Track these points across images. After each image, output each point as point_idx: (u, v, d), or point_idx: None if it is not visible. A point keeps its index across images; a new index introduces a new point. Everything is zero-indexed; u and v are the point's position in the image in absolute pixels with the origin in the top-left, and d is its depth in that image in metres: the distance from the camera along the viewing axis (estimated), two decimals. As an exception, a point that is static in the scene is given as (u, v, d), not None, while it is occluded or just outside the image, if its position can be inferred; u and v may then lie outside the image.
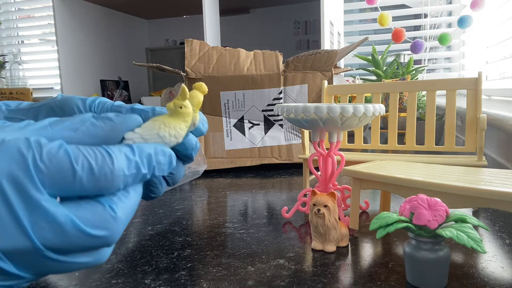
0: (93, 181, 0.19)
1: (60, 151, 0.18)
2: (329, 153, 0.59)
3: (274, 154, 1.01)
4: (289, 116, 0.55)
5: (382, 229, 0.38)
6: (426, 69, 1.79)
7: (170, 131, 0.23)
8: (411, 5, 2.14)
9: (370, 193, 0.73)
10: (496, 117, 0.88)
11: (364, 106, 0.52)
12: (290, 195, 0.75)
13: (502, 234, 0.51)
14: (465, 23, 1.54)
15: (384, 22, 1.68)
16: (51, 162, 0.18)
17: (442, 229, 0.36)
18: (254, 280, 0.40)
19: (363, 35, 2.29)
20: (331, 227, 0.46)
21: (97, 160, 0.19)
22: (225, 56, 1.00)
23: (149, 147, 0.22)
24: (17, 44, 2.89)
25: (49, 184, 0.18)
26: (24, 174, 0.17)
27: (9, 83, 2.68)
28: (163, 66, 1.02)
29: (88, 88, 2.19)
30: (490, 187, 0.41)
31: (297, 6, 2.51)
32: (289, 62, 0.98)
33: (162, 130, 0.23)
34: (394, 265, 0.43)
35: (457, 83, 0.72)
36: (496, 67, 1.47)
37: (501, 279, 0.39)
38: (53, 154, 0.18)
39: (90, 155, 0.19)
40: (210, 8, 1.66)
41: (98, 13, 2.25)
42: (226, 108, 1.01)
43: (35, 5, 2.72)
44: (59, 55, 1.98)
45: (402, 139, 1.05)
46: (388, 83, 0.80)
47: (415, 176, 0.48)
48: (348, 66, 2.02)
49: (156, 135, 0.23)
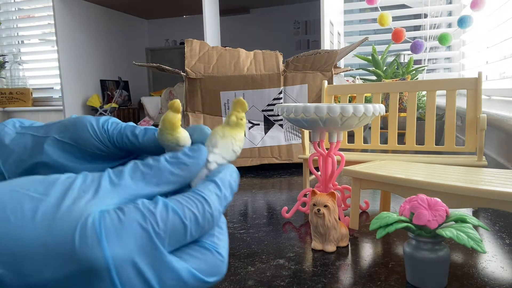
0: (199, 230, 0.21)
1: (169, 212, 0.20)
2: (329, 153, 0.59)
3: (274, 154, 1.01)
4: (289, 116, 0.55)
5: (382, 229, 0.38)
6: (426, 69, 1.79)
7: (240, 144, 0.25)
8: (411, 5, 2.14)
9: (370, 193, 0.73)
10: (496, 117, 0.88)
11: (364, 106, 0.52)
12: (290, 195, 0.75)
13: (502, 234, 0.51)
14: (465, 23, 1.54)
15: (384, 22, 1.68)
16: (167, 226, 0.19)
17: (442, 229, 0.36)
18: (254, 280, 0.40)
19: (363, 35, 2.29)
20: (331, 227, 0.46)
21: (198, 209, 0.21)
22: (225, 56, 1.00)
23: (226, 174, 0.23)
24: (17, 44, 2.89)
25: (168, 244, 0.20)
26: (150, 245, 0.19)
27: (9, 83, 2.69)
28: (163, 66, 1.02)
29: (88, 88, 2.19)
30: (490, 187, 0.41)
31: (297, 6, 2.51)
32: (289, 62, 0.98)
33: (235, 146, 0.24)
34: (394, 265, 0.43)
35: (457, 83, 0.72)
36: (496, 67, 1.47)
37: (501, 279, 0.39)
38: (166, 218, 0.20)
39: (192, 206, 0.21)
40: (210, 8, 1.66)
41: (98, 13, 2.25)
42: (226, 108, 1.00)
43: (35, 5, 2.72)
44: (59, 55, 1.98)
45: (402, 139, 1.05)
46: (388, 83, 0.80)
47: (415, 176, 0.48)
48: (348, 66, 2.02)
49: (232, 151, 0.24)
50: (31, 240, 0.18)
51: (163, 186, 0.22)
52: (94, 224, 0.18)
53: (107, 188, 0.20)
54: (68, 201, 0.19)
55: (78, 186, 0.20)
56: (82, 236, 0.18)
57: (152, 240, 0.19)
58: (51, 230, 0.18)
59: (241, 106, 0.25)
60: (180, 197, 0.21)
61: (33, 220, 0.18)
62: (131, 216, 0.19)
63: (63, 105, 2.04)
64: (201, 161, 0.23)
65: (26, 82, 2.73)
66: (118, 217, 0.19)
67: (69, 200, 0.19)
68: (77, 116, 0.29)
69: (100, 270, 0.18)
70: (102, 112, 2.15)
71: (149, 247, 0.19)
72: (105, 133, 0.28)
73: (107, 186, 0.20)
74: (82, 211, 0.19)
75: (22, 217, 0.18)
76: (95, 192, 0.20)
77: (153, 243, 0.19)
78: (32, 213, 0.18)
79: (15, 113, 2.72)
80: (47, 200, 0.19)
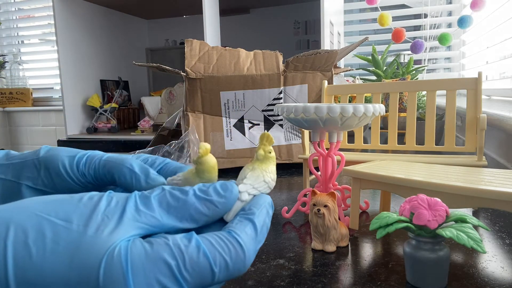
0: (226, 276, 0.19)
1: (200, 255, 0.19)
2: (329, 153, 0.59)
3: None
4: (289, 116, 0.55)
5: (382, 229, 0.38)
6: (426, 69, 1.79)
7: (272, 176, 0.24)
8: (411, 5, 2.14)
9: (370, 193, 0.73)
10: (496, 117, 0.88)
11: (364, 106, 0.52)
12: (290, 195, 0.75)
13: (502, 234, 0.51)
14: (465, 23, 1.54)
15: (384, 22, 1.68)
16: (194, 269, 0.18)
17: (442, 229, 0.36)
18: (254, 280, 0.40)
19: (363, 35, 2.29)
20: (331, 227, 0.46)
21: (231, 256, 0.19)
22: (225, 56, 1.00)
23: (263, 212, 0.22)
24: (17, 44, 2.89)
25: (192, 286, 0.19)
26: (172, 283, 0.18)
27: (9, 83, 2.69)
28: (163, 66, 1.02)
29: (88, 88, 2.19)
30: (490, 187, 0.41)
31: (297, 6, 2.50)
32: (289, 62, 0.98)
33: (266, 177, 0.24)
34: (394, 265, 0.43)
35: (457, 83, 0.72)
36: (496, 67, 1.47)
37: (501, 279, 0.39)
38: (195, 261, 0.18)
39: (225, 251, 0.19)
40: (210, 8, 1.66)
41: (98, 13, 2.25)
42: (226, 108, 1.01)
43: (35, 5, 2.72)
44: (59, 55, 1.98)
45: (402, 139, 1.05)
46: (388, 83, 0.80)
47: (415, 176, 0.48)
48: (348, 66, 2.02)
49: (263, 182, 0.24)
50: (52, 274, 0.17)
51: (185, 223, 0.20)
52: (120, 257, 0.17)
53: (132, 215, 0.19)
54: (92, 230, 0.18)
55: (102, 211, 0.19)
56: (107, 270, 0.17)
57: (178, 283, 0.18)
58: (74, 264, 0.17)
59: (267, 140, 0.25)
60: (214, 238, 0.19)
61: (55, 252, 0.17)
62: (160, 253, 0.18)
63: (63, 105, 2.04)
64: (231, 201, 0.22)
65: (26, 82, 2.73)
66: (145, 252, 0.18)
67: (93, 228, 0.18)
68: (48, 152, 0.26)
69: None
70: (102, 112, 2.15)
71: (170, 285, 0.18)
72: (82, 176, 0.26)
73: (132, 212, 0.19)
74: (106, 243, 0.17)
75: (44, 249, 0.17)
76: (119, 218, 0.19)
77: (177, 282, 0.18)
78: (54, 244, 0.17)
79: (15, 113, 2.72)
80: (69, 228, 0.18)
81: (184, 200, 0.20)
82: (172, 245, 0.18)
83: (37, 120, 2.66)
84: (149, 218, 0.19)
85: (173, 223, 0.20)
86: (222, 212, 0.21)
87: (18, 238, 0.17)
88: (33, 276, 0.17)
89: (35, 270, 0.17)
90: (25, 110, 2.65)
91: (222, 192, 0.21)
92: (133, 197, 0.20)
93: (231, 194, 0.22)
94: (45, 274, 0.17)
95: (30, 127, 2.69)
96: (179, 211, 0.20)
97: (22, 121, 2.69)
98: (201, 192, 0.21)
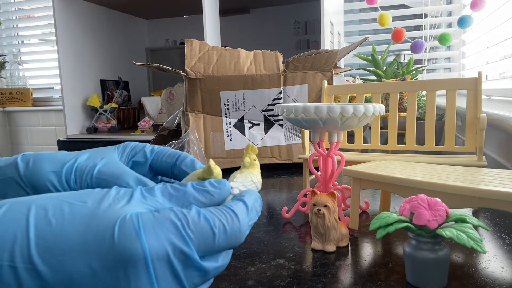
0: (226, 240, 0.22)
1: (201, 218, 0.21)
2: (329, 153, 0.59)
3: (274, 154, 1.01)
4: (289, 116, 0.55)
5: (382, 229, 0.38)
6: (426, 69, 1.79)
7: (258, 178, 0.28)
8: (411, 5, 2.14)
9: (370, 193, 0.73)
10: (496, 117, 0.88)
11: (364, 106, 0.52)
12: (290, 195, 0.75)
13: (502, 234, 0.51)
14: (465, 23, 1.54)
15: (384, 22, 1.68)
16: (197, 229, 0.21)
17: (442, 229, 0.36)
18: (254, 280, 0.40)
19: (363, 35, 2.29)
20: (331, 227, 0.46)
21: (227, 220, 0.22)
22: (225, 56, 1.00)
23: (252, 198, 0.25)
24: (17, 44, 2.89)
25: (197, 248, 0.21)
26: (182, 243, 0.20)
27: (9, 83, 2.69)
28: (163, 66, 1.02)
29: (88, 88, 2.19)
30: (490, 187, 0.41)
31: (297, 6, 2.50)
32: (289, 62, 0.98)
33: (254, 178, 0.28)
34: (394, 265, 0.43)
35: (457, 83, 0.72)
36: (496, 67, 1.47)
37: (501, 279, 0.39)
38: (197, 222, 0.21)
39: (222, 217, 0.22)
40: (210, 8, 1.66)
41: (98, 13, 2.25)
42: (226, 108, 1.01)
43: (35, 5, 2.72)
44: (59, 55, 1.98)
45: (402, 139, 1.05)
46: (388, 83, 0.80)
47: (415, 176, 0.48)
48: (348, 66, 2.02)
49: (251, 182, 0.27)
50: (70, 236, 0.19)
51: None
52: (132, 219, 0.20)
53: (139, 198, 0.22)
54: (105, 205, 0.20)
55: (113, 196, 0.21)
56: (121, 229, 0.19)
57: (184, 239, 0.20)
58: (90, 227, 0.19)
59: (252, 150, 0.29)
60: (212, 208, 0.22)
61: (72, 220, 0.19)
62: (166, 215, 0.20)
63: (63, 105, 2.04)
64: (224, 192, 0.25)
65: (26, 82, 2.73)
66: (153, 216, 0.20)
67: (105, 204, 0.20)
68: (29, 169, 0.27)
69: (138, 261, 0.19)
70: (102, 112, 2.15)
71: (181, 245, 0.20)
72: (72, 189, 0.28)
73: (139, 197, 0.22)
74: (119, 212, 0.20)
75: (63, 219, 0.19)
76: (128, 200, 0.21)
77: (185, 241, 0.20)
78: (71, 216, 0.20)
79: (15, 113, 2.72)
80: (85, 206, 0.20)
81: (184, 190, 0.23)
82: (176, 210, 0.21)
83: (37, 120, 2.66)
84: (154, 202, 0.22)
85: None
86: (217, 201, 0.24)
87: (39, 214, 0.19)
88: (53, 243, 0.19)
89: (54, 237, 0.19)
90: (25, 110, 2.65)
91: (216, 184, 0.24)
92: (138, 188, 0.23)
93: (224, 186, 0.25)
94: (64, 240, 0.19)
95: (30, 127, 2.69)
96: (179, 199, 0.23)
97: (22, 121, 2.69)
98: (198, 185, 0.24)
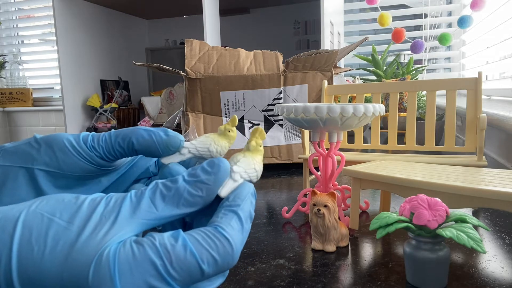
0: (216, 271, 0.20)
1: (187, 254, 0.19)
2: (329, 153, 0.59)
3: (274, 154, 1.01)
4: (289, 116, 0.55)
5: (382, 229, 0.38)
6: (426, 69, 1.79)
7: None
8: (411, 5, 2.14)
9: (370, 193, 0.73)
10: (496, 117, 0.88)
11: (364, 106, 0.52)
12: (290, 195, 0.75)
13: (502, 234, 0.51)
14: (465, 23, 1.54)
15: (384, 22, 1.68)
16: (182, 268, 0.19)
17: (442, 229, 0.36)
18: (254, 280, 0.40)
19: (363, 35, 2.29)
20: (331, 227, 0.46)
21: (219, 251, 0.20)
22: (225, 56, 1.00)
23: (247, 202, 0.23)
24: (17, 44, 2.89)
25: (181, 284, 0.19)
26: (161, 283, 0.19)
27: (9, 83, 2.69)
28: (163, 66, 1.02)
29: (88, 88, 2.19)
30: (490, 187, 0.41)
31: (297, 6, 2.50)
32: (289, 62, 0.98)
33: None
34: (394, 265, 0.43)
35: (457, 83, 0.72)
36: (496, 67, 1.47)
37: (501, 279, 0.39)
38: (182, 260, 0.19)
39: (212, 247, 0.20)
40: (210, 8, 1.66)
41: (98, 13, 2.25)
42: (226, 108, 1.01)
43: (35, 5, 2.72)
44: (59, 55, 1.98)
45: (402, 139, 1.05)
46: (388, 83, 0.80)
47: (415, 176, 0.48)
48: (348, 66, 2.02)
49: (253, 169, 0.25)
50: (49, 270, 0.18)
51: (183, 208, 0.21)
52: (108, 260, 0.18)
53: (127, 213, 0.20)
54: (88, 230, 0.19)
55: (100, 212, 0.20)
56: (96, 272, 0.18)
57: (165, 281, 0.19)
58: (67, 263, 0.18)
59: (260, 134, 0.27)
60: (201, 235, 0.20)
61: (53, 251, 0.18)
62: (147, 254, 0.19)
63: (63, 105, 2.04)
64: (221, 176, 0.23)
65: (26, 82, 2.73)
66: (133, 253, 0.19)
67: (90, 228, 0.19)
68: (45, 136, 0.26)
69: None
70: (102, 112, 2.15)
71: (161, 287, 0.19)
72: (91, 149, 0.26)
73: (128, 211, 0.20)
74: (99, 244, 0.19)
75: (44, 247, 0.18)
76: (114, 219, 0.20)
77: (166, 282, 0.19)
78: (54, 242, 0.19)
79: (15, 113, 2.72)
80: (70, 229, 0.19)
81: (176, 188, 0.22)
82: (159, 245, 0.19)
83: (37, 120, 2.66)
84: (144, 213, 0.21)
85: (171, 212, 0.21)
86: (215, 188, 0.22)
87: (24, 236, 0.18)
88: (32, 273, 0.18)
89: (34, 267, 0.18)
90: (25, 110, 2.65)
91: (209, 169, 0.22)
92: (128, 196, 0.21)
93: (219, 168, 0.23)
94: (43, 272, 0.18)
95: (30, 127, 2.69)
96: (174, 199, 0.21)
97: (22, 121, 2.69)
98: (190, 176, 0.22)
